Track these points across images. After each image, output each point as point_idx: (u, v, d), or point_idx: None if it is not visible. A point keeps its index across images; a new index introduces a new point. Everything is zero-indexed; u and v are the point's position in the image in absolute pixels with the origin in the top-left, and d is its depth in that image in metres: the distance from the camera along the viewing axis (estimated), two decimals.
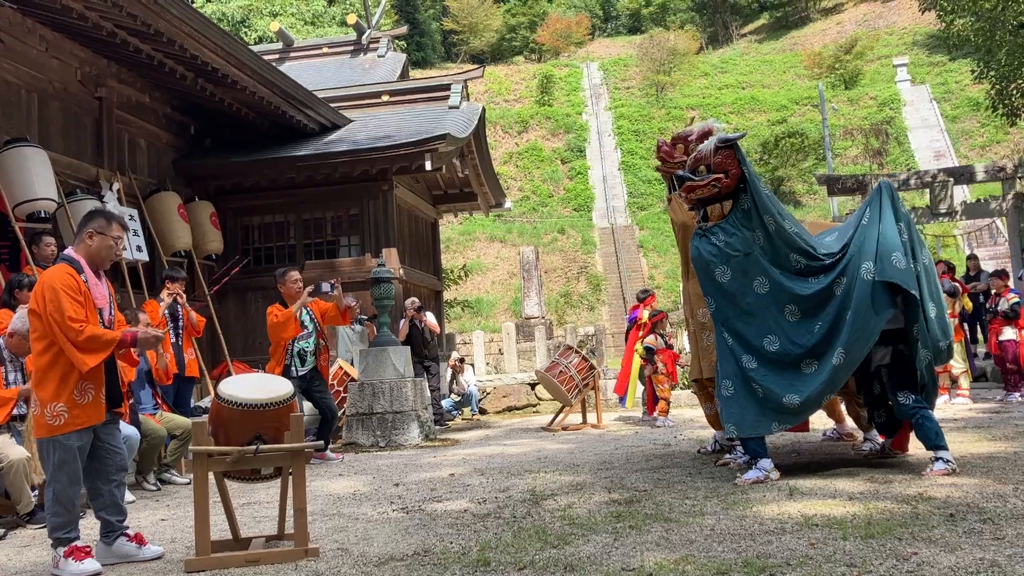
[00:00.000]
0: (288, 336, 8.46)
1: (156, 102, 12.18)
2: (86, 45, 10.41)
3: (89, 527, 5.14)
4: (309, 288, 8.77)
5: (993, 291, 11.74)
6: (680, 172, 6.14)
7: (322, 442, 7.84)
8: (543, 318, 22.79)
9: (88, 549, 4.34)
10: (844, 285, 5.65)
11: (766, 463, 5.67)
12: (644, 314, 11.52)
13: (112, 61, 10.93)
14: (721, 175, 5.85)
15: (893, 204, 5.77)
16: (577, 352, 11.40)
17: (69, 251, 4.55)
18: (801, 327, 5.73)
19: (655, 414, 10.88)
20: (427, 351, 12.31)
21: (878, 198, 5.85)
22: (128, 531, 4.56)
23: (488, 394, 16.00)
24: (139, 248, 10.65)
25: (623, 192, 42.33)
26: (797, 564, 3.54)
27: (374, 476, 7.24)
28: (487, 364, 19.41)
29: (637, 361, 11.60)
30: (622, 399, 12.23)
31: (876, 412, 6.38)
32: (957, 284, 11.83)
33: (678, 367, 12.40)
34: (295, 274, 8.64)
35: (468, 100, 14.87)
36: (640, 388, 11.86)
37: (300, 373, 8.45)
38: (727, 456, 6.62)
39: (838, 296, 5.66)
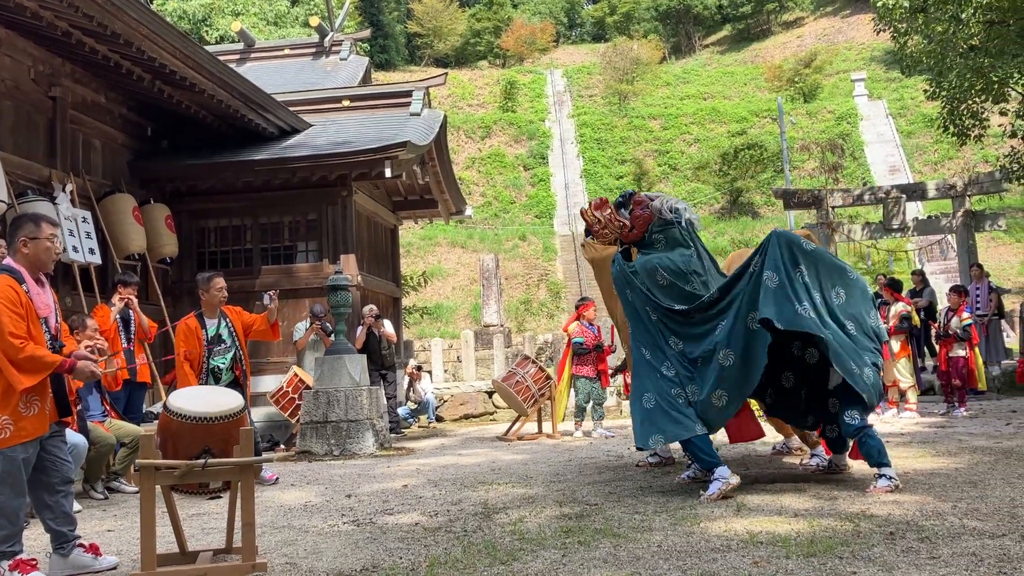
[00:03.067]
0: (189, 349, 7.55)
1: (112, 102, 12.00)
2: (40, 44, 10.23)
3: (33, 538, 5.07)
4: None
5: (948, 306, 11.90)
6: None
7: (272, 457, 7.75)
8: (502, 326, 22.79)
9: (34, 562, 4.28)
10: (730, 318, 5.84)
11: (723, 471, 5.70)
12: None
13: (67, 60, 10.76)
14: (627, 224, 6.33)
15: (790, 251, 5.80)
16: (534, 362, 11.46)
17: (8, 261, 4.47)
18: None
19: None
20: (384, 359, 12.28)
21: (775, 248, 5.85)
22: (83, 541, 4.52)
23: (445, 402, 15.98)
24: (92, 251, 10.46)
25: (585, 199, 42.38)
26: None
27: (327, 486, 7.21)
28: (445, 371, 19.39)
29: None
30: None
31: (828, 427, 6.51)
32: (908, 307, 11.91)
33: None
34: (220, 281, 7.65)
35: (430, 107, 14.86)
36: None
37: None
38: (685, 474, 6.69)
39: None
